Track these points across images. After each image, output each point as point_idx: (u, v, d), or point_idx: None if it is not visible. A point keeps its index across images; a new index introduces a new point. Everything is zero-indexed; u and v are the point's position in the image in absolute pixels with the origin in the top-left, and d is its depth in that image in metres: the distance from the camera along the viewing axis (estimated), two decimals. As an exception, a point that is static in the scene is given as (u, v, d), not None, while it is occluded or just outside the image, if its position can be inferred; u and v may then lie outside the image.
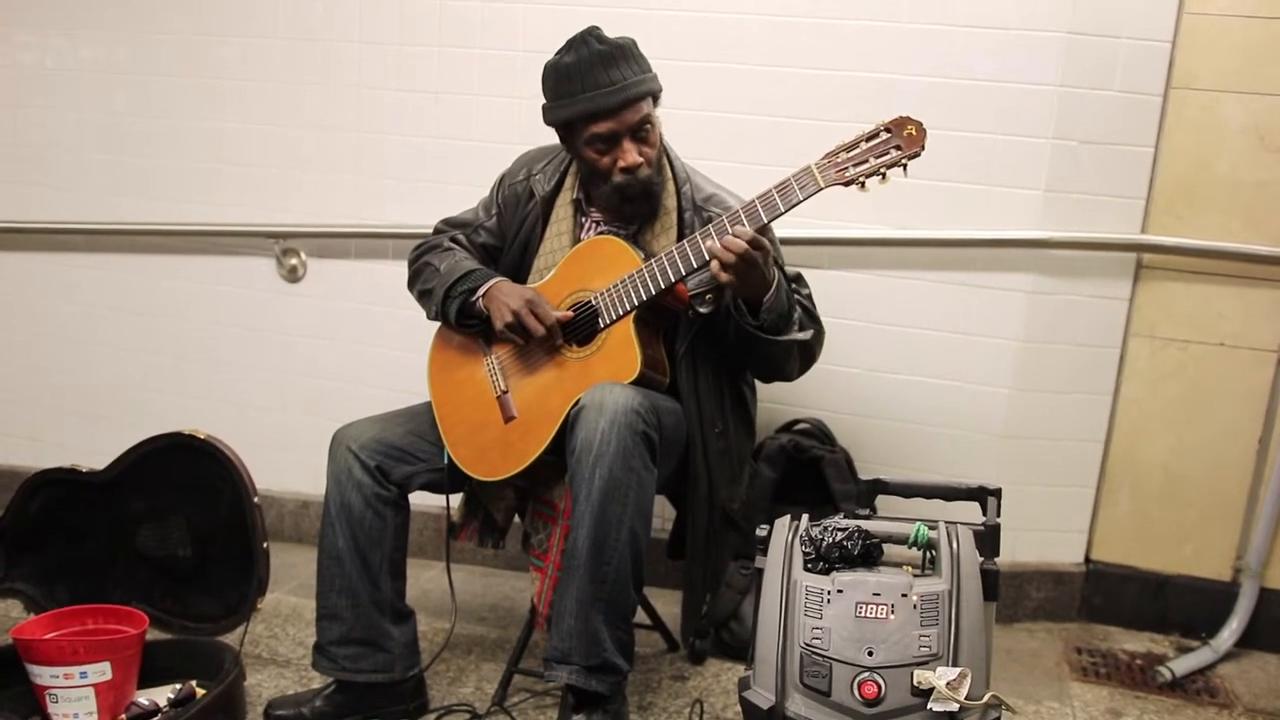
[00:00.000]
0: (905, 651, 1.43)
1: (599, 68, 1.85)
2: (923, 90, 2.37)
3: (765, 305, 1.87)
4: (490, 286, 1.99)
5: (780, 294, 1.88)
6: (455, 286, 2.00)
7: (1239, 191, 2.35)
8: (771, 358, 1.97)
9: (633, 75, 1.87)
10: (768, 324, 1.88)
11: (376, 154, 2.74)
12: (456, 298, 2.00)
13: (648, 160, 1.93)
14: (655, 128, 1.94)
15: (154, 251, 2.94)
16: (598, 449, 1.76)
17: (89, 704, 1.85)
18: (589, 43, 1.87)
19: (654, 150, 1.95)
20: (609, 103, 1.86)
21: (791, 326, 1.93)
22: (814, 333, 1.98)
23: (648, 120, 1.91)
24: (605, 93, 1.86)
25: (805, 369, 2.04)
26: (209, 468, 2.13)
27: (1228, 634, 2.40)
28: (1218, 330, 2.41)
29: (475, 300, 1.99)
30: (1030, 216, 2.38)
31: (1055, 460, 2.51)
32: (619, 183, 1.93)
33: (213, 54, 2.80)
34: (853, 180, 1.76)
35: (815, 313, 2.03)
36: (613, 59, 1.86)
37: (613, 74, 1.85)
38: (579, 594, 1.81)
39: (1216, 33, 2.30)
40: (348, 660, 1.96)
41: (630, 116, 1.88)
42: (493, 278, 2.01)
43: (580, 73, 1.86)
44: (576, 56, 1.87)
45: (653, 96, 1.93)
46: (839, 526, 1.56)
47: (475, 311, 2.00)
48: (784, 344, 1.92)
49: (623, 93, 1.86)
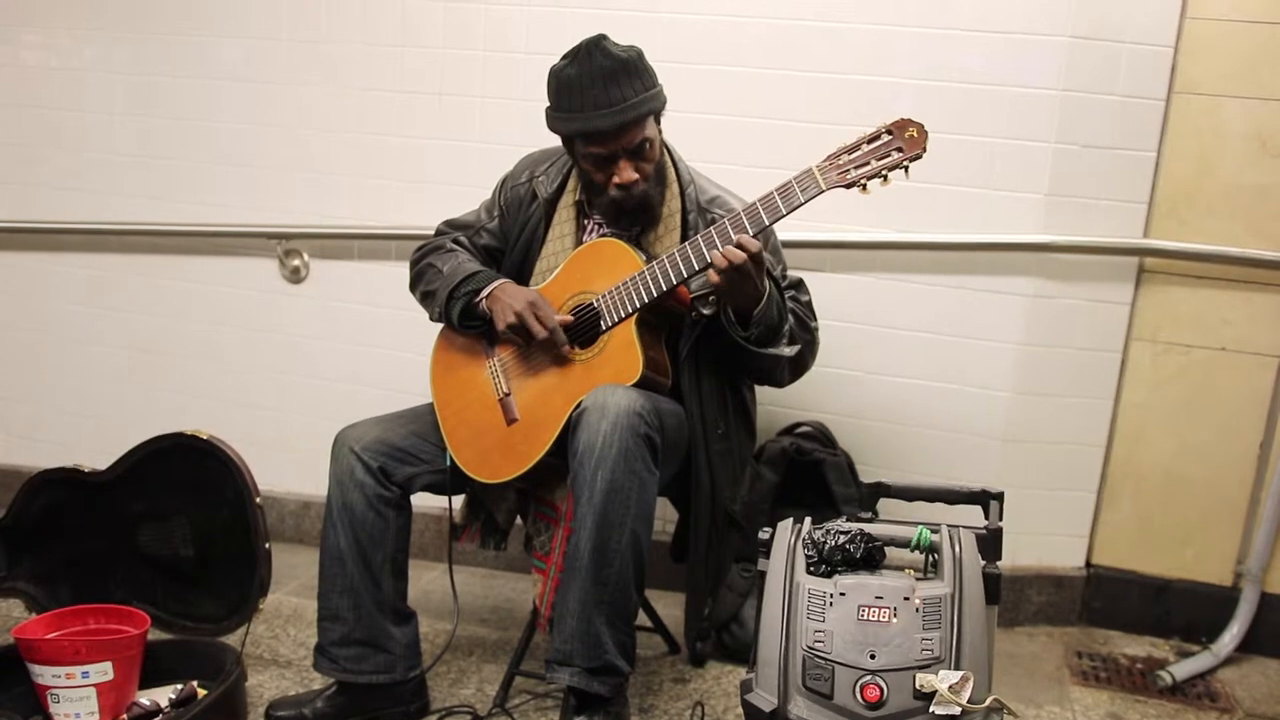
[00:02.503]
0: (907, 655, 1.43)
1: (599, 85, 1.82)
2: (925, 93, 2.37)
3: (754, 318, 1.87)
4: (494, 288, 1.99)
5: (771, 307, 1.88)
6: (459, 288, 2.00)
7: (1241, 196, 2.35)
8: (759, 368, 1.97)
9: (634, 95, 1.84)
10: (755, 336, 1.89)
11: (379, 155, 2.74)
12: (460, 299, 2.00)
13: (644, 176, 1.91)
14: (655, 145, 1.92)
15: (156, 252, 2.94)
16: (600, 451, 1.76)
17: (90, 704, 1.85)
18: (593, 56, 1.83)
19: (652, 165, 1.93)
20: (606, 125, 1.83)
21: (779, 340, 1.93)
22: (800, 348, 1.97)
23: (646, 141, 1.89)
24: (603, 114, 1.83)
25: (796, 377, 2.04)
26: (211, 468, 2.13)
27: (1228, 638, 2.40)
28: (1219, 335, 2.41)
29: (479, 302, 2.00)
30: (1032, 220, 2.38)
31: (1056, 464, 2.51)
32: (614, 197, 1.92)
33: (216, 54, 2.80)
34: (854, 182, 1.76)
35: (810, 322, 2.03)
36: (614, 76, 1.83)
37: (613, 93, 1.83)
38: (581, 596, 1.81)
39: (1219, 37, 2.30)
40: (349, 661, 1.96)
41: (628, 139, 1.86)
42: (497, 279, 2.01)
43: (581, 88, 1.83)
44: (579, 70, 1.84)
45: (655, 115, 1.91)
46: (841, 530, 1.56)
47: (478, 313, 2.00)
48: (769, 356, 1.92)
49: (620, 115, 1.83)
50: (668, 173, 2.01)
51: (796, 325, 1.97)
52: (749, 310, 1.87)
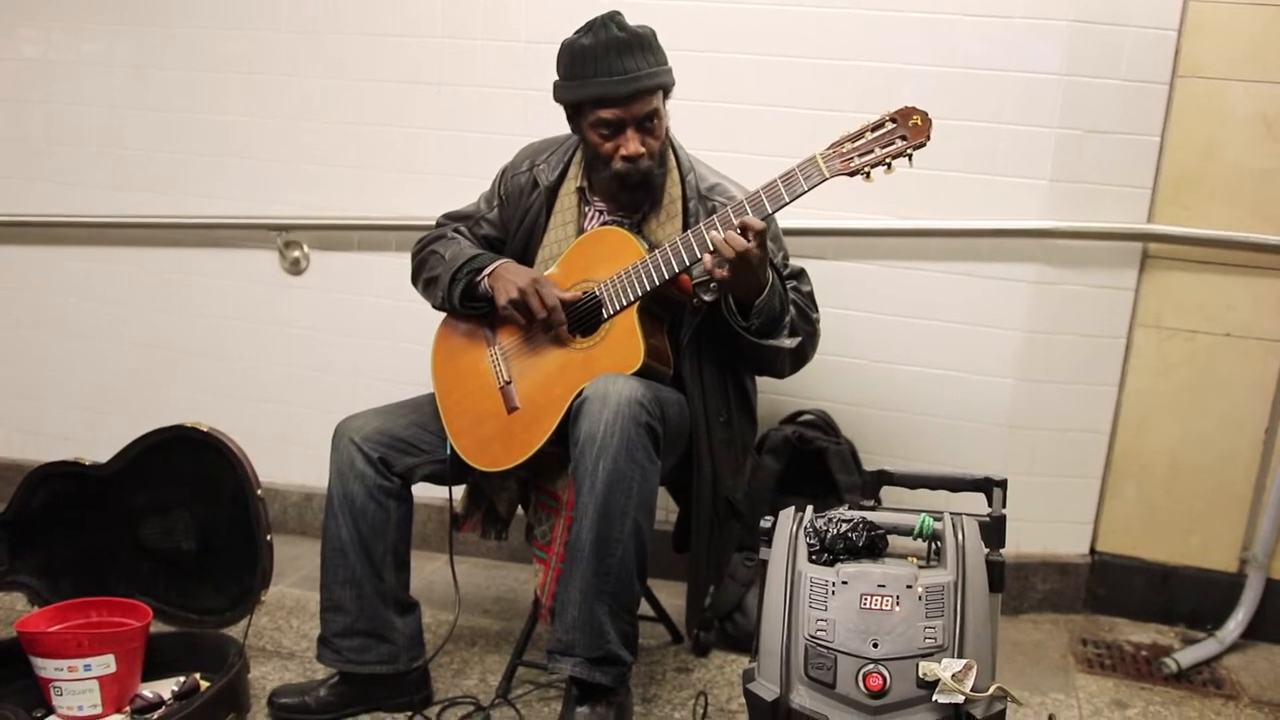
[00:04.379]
0: (910, 643, 1.42)
1: (614, 54, 1.85)
2: (927, 79, 2.36)
3: (756, 308, 1.86)
4: (496, 267, 1.99)
5: (774, 298, 1.87)
6: (462, 268, 2.00)
7: (1246, 180, 2.34)
8: (759, 358, 1.96)
9: (646, 66, 1.86)
10: (755, 327, 1.88)
11: (379, 146, 2.73)
12: (462, 279, 2.00)
13: (650, 152, 1.92)
14: (662, 121, 1.94)
15: (156, 244, 2.94)
16: (601, 440, 1.76)
17: (93, 696, 1.86)
18: (608, 27, 1.87)
19: (658, 143, 1.94)
20: (619, 91, 1.85)
21: (780, 332, 1.92)
22: (801, 340, 1.96)
23: (655, 113, 1.90)
24: (617, 80, 1.85)
25: (796, 369, 2.03)
26: (212, 460, 2.13)
27: (1233, 625, 2.39)
28: (1224, 320, 2.40)
29: (480, 280, 1.99)
30: (1036, 206, 2.37)
31: (1060, 451, 2.50)
32: (619, 170, 1.92)
33: (215, 47, 2.79)
34: (858, 170, 1.75)
35: (811, 313, 2.01)
36: (629, 47, 1.85)
37: (627, 62, 1.85)
38: (583, 586, 1.80)
39: (1223, 20, 2.28)
40: (352, 652, 1.96)
41: (638, 108, 1.87)
42: (499, 259, 2.02)
43: (595, 56, 1.85)
44: (594, 40, 1.86)
45: (664, 90, 1.92)
46: (844, 518, 1.55)
47: (480, 293, 2.00)
48: (769, 348, 1.91)
49: (634, 83, 1.85)
50: (669, 159, 2.00)
51: (798, 316, 1.96)
52: (750, 300, 1.86)
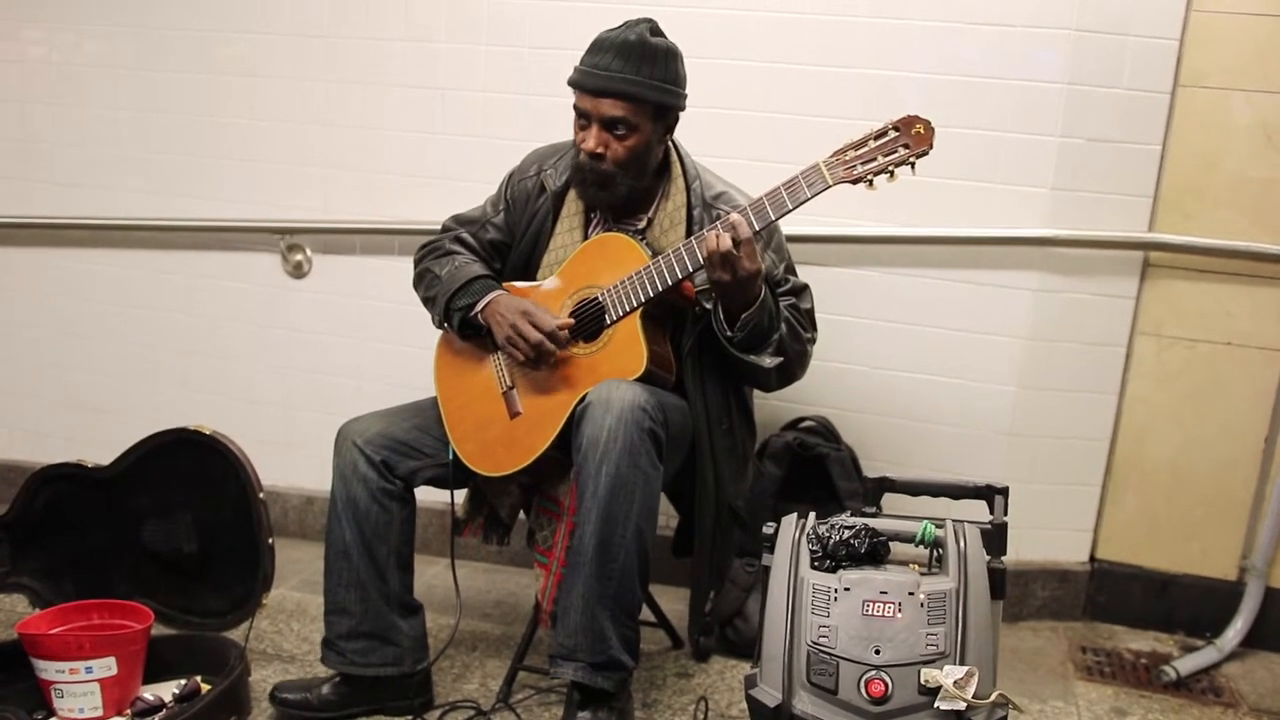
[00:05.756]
0: (912, 650, 1.43)
1: (613, 52, 1.86)
2: (930, 88, 2.36)
3: (742, 321, 1.86)
4: (489, 302, 1.99)
5: (763, 314, 1.86)
6: (454, 300, 2.00)
7: (1247, 189, 2.35)
8: (741, 371, 1.95)
9: (633, 74, 1.85)
10: (738, 340, 1.88)
11: (382, 150, 2.73)
12: (457, 312, 2.00)
13: (613, 157, 1.90)
14: (637, 135, 1.89)
15: (159, 247, 2.94)
16: (604, 446, 1.76)
17: (94, 699, 1.86)
18: (630, 28, 1.88)
19: (625, 152, 1.90)
20: (588, 82, 1.88)
21: (764, 349, 1.91)
22: (785, 360, 1.93)
23: (623, 122, 1.88)
24: (594, 73, 1.87)
25: (784, 385, 2.01)
26: (214, 463, 2.14)
27: (1233, 633, 2.39)
28: (1225, 329, 2.41)
29: (474, 317, 2.00)
30: (1037, 214, 2.37)
31: (1061, 458, 2.51)
32: (579, 162, 1.94)
33: (219, 50, 2.80)
34: (861, 178, 1.76)
35: (804, 332, 1.99)
36: (630, 51, 1.85)
37: (616, 62, 1.85)
38: (585, 591, 1.81)
39: (1225, 30, 2.29)
40: (356, 654, 1.97)
41: (605, 107, 1.87)
42: (490, 292, 2.00)
43: (599, 46, 1.88)
44: (613, 35, 1.88)
45: (651, 106, 1.88)
46: (846, 524, 1.56)
47: (477, 325, 2.01)
48: (748, 364, 1.91)
49: (606, 81, 1.86)
50: (673, 168, 2.01)
51: (788, 334, 1.93)
52: (738, 313, 1.86)
